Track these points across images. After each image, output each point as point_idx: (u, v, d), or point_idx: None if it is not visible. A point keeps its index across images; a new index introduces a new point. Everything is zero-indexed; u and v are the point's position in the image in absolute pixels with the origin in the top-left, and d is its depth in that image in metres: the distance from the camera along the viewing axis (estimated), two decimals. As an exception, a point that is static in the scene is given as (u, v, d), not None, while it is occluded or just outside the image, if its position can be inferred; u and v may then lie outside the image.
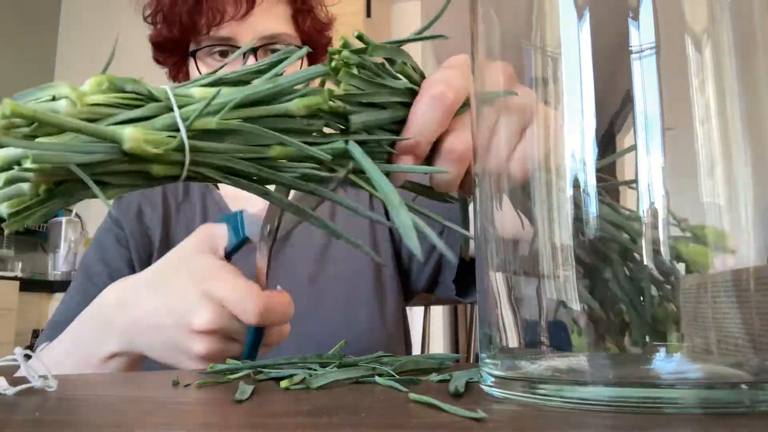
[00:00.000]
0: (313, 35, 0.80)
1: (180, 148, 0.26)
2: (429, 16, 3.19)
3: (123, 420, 0.20)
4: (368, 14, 2.38)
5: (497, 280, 0.27)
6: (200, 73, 0.74)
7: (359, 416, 0.20)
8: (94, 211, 2.42)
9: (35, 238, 2.40)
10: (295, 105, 0.30)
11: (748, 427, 0.18)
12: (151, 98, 0.28)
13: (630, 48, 0.23)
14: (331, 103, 0.31)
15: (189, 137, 0.27)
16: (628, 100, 0.23)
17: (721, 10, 0.24)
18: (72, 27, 2.51)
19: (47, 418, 0.21)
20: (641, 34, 0.23)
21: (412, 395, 0.24)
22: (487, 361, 0.27)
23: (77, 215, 2.38)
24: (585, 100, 0.24)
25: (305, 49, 0.32)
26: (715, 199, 0.23)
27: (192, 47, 0.76)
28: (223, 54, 0.75)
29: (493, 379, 0.26)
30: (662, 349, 0.22)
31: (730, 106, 0.23)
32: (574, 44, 0.24)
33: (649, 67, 0.23)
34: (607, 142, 0.24)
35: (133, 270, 0.73)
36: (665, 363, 0.22)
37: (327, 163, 0.30)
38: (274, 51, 0.75)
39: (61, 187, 0.25)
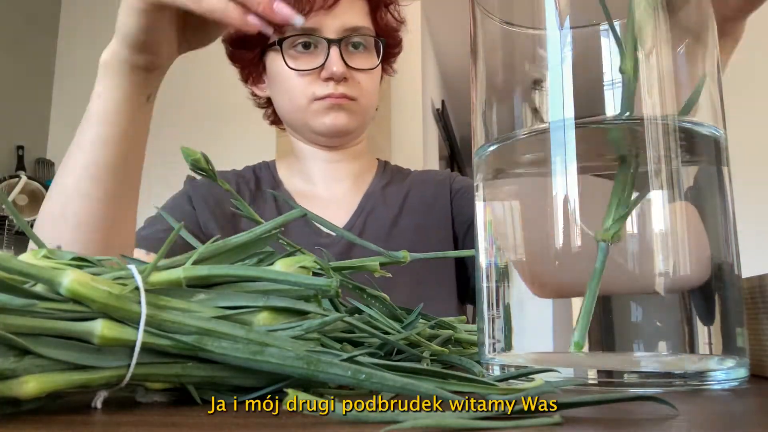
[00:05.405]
0: (388, 32, 0.81)
1: (135, 299, 0.21)
2: (429, 16, 3.14)
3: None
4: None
5: (496, 278, 0.29)
6: (286, 64, 0.75)
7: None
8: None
9: (36, 238, 2.38)
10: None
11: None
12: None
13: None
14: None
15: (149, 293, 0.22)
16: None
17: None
18: (72, 28, 2.51)
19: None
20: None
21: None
22: (487, 356, 0.28)
23: (78, 215, 2.37)
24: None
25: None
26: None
27: (273, 38, 0.75)
28: (306, 46, 0.75)
29: (493, 374, 0.27)
30: (647, 349, 0.24)
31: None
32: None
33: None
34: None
35: (199, 229, 0.77)
36: (649, 361, 0.24)
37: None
38: (354, 45, 0.77)
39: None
